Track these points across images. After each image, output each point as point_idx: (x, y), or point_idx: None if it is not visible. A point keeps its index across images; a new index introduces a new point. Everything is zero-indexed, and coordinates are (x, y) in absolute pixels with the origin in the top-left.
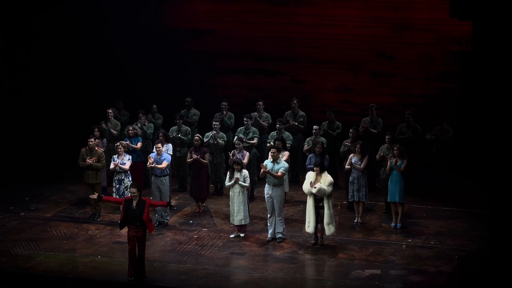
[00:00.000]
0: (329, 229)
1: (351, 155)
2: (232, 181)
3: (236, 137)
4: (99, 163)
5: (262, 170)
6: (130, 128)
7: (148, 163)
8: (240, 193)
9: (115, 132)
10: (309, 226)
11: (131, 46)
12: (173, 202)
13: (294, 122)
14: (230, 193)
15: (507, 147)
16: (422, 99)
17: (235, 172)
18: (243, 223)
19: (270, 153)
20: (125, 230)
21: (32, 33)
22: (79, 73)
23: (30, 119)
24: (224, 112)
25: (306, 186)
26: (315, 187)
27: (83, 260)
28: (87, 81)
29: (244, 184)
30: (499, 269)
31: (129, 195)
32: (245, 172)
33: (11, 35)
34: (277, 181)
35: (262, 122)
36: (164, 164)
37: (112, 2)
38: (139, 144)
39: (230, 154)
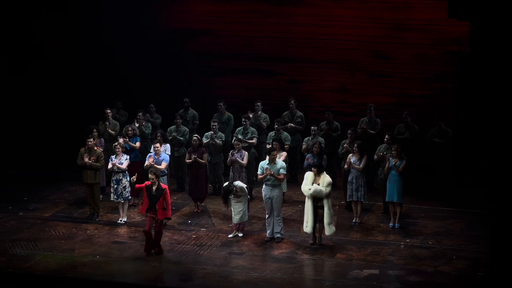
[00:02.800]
0: (330, 229)
1: (350, 155)
2: (231, 205)
3: (234, 138)
4: (98, 162)
5: (259, 175)
6: (130, 128)
7: (147, 162)
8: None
9: (113, 132)
10: (307, 226)
11: (129, 47)
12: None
13: (291, 124)
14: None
15: (506, 147)
16: (419, 99)
17: (232, 194)
18: (241, 221)
19: (270, 156)
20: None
21: (30, 33)
22: (76, 74)
23: (28, 120)
24: (226, 113)
25: (304, 187)
26: (309, 189)
27: (82, 260)
28: (85, 82)
29: (242, 194)
30: (498, 270)
31: (144, 183)
32: (240, 185)
33: (11, 38)
34: (276, 181)
35: (262, 122)
36: (163, 165)
37: (110, 4)
38: (137, 144)
39: (229, 154)
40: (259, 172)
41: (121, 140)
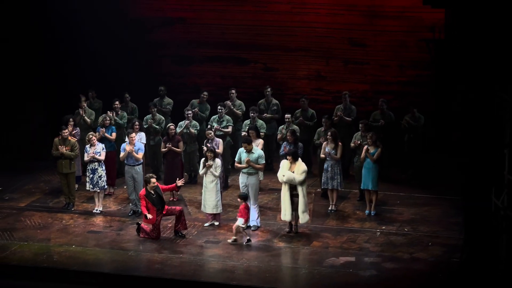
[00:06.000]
0: (304, 217)
1: (324, 143)
2: (205, 169)
3: (208, 126)
4: (72, 152)
5: (240, 164)
6: (107, 118)
7: (122, 154)
8: (213, 182)
9: (88, 120)
10: (286, 214)
11: (103, 36)
12: (179, 182)
13: (267, 114)
14: (203, 181)
15: (480, 135)
16: (395, 86)
17: (208, 160)
18: (215, 212)
19: (245, 148)
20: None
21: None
22: (51, 63)
23: (3, 110)
24: (206, 104)
25: (280, 175)
26: (283, 175)
27: (58, 249)
28: (59, 71)
29: (214, 173)
30: (472, 256)
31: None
32: (217, 161)
33: None
34: (252, 169)
35: (236, 111)
36: (140, 154)
37: None
38: (113, 135)
39: (203, 146)
40: (236, 158)
41: (100, 132)
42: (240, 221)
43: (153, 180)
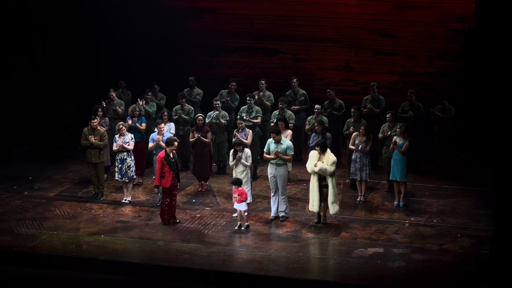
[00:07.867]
0: (333, 208)
1: (355, 134)
2: (235, 161)
3: (238, 116)
4: (101, 142)
5: (269, 155)
6: (137, 108)
7: (151, 144)
8: (243, 173)
9: (120, 110)
10: (314, 205)
11: (132, 26)
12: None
13: (295, 107)
14: (233, 172)
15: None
16: (424, 77)
17: (238, 152)
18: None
19: (274, 139)
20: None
21: (31, 12)
22: (83, 54)
23: (33, 100)
24: (235, 94)
25: (310, 165)
26: (316, 166)
27: (87, 239)
28: (90, 62)
29: (245, 163)
30: (501, 247)
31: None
32: (247, 151)
33: (12, 13)
34: (281, 160)
35: (266, 102)
36: None
37: None
38: (143, 125)
39: (233, 136)
40: (265, 149)
41: (130, 122)
42: (243, 206)
43: (176, 144)
